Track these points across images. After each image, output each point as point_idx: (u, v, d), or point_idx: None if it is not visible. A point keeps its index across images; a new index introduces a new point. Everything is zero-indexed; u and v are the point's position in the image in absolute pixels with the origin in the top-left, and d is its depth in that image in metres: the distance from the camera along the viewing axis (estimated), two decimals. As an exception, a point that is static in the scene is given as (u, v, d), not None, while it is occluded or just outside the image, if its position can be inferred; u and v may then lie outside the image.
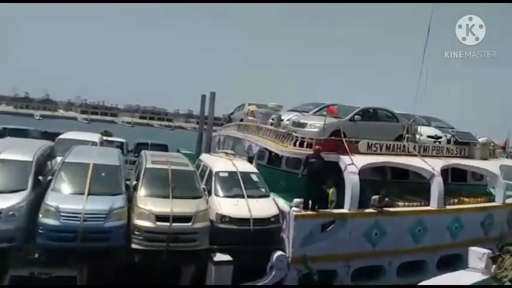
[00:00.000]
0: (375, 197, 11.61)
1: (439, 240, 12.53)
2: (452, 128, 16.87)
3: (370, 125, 13.47)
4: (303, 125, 12.82)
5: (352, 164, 11.58)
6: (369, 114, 13.68)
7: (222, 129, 21.24)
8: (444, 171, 14.77)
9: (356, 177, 11.34)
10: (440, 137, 15.36)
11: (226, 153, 13.79)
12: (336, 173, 11.78)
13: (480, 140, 16.39)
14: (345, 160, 11.72)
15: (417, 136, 14.49)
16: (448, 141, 15.30)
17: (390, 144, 13.30)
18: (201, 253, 9.61)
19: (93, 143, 14.03)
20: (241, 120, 18.27)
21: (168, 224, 9.15)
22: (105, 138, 17.18)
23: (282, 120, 14.33)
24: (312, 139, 12.14)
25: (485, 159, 15.41)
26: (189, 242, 9.39)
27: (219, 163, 12.24)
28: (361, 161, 11.90)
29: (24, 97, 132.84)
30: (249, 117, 17.17)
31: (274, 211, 10.66)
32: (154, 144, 18.54)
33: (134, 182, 10.48)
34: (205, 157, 13.73)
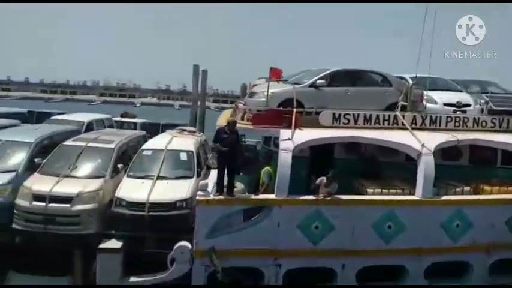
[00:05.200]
0: (322, 178, 9.10)
1: (425, 242, 9.33)
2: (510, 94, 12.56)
3: (345, 92, 10.70)
4: (252, 95, 10.89)
5: (288, 140, 9.29)
6: (344, 79, 10.86)
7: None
8: (459, 151, 11.12)
9: (287, 156, 8.99)
10: (468, 105, 11.48)
11: (185, 129, 12.52)
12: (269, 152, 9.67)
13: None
14: (282, 135, 9.49)
15: (424, 103, 11.07)
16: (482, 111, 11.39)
17: (371, 115, 10.38)
18: (88, 238, 8.80)
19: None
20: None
21: (44, 204, 8.59)
22: (118, 119, 17.65)
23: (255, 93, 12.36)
24: (258, 111, 10.28)
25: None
26: (69, 225, 8.67)
27: (154, 140, 11.21)
28: (305, 135, 9.50)
29: (165, 89, 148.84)
30: (253, 92, 15.50)
31: (183, 195, 9.19)
32: (164, 124, 18.30)
33: None
34: (160, 134, 12.75)
